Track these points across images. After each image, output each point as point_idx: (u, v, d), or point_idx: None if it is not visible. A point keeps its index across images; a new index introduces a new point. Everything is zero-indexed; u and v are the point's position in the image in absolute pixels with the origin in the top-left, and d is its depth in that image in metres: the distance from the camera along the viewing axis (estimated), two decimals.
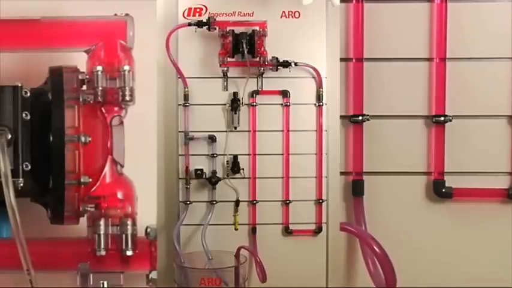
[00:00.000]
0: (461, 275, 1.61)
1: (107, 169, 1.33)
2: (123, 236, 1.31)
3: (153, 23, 1.38)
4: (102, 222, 1.30)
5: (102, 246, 1.30)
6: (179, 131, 1.39)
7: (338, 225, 1.43)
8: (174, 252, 1.36)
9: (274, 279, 1.33)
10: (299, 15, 1.38)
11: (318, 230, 1.41)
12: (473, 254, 1.63)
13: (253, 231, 1.40)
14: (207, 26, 1.34)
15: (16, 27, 1.35)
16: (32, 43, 1.35)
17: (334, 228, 1.42)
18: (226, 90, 1.39)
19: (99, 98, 1.29)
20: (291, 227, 1.40)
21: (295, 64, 1.37)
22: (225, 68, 1.37)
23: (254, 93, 1.39)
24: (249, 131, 1.39)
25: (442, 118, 1.59)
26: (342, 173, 1.56)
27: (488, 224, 1.63)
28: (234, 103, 1.37)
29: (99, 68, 1.30)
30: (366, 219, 1.61)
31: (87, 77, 1.30)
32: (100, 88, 1.30)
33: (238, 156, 1.39)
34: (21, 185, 1.23)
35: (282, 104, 1.40)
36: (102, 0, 1.42)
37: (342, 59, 1.47)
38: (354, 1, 1.59)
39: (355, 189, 1.62)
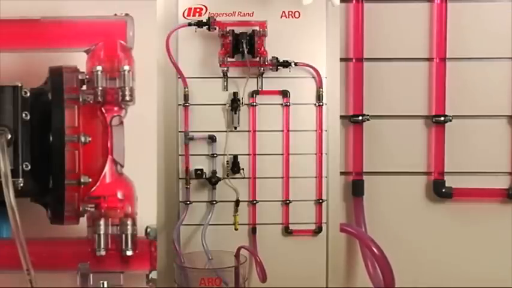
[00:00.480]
0: (461, 275, 1.61)
1: (107, 169, 1.33)
2: (123, 236, 1.31)
3: (153, 23, 1.38)
4: (102, 222, 1.30)
5: (102, 246, 1.30)
6: (179, 131, 1.39)
7: (338, 225, 1.43)
8: (174, 252, 1.36)
9: (274, 279, 1.33)
10: (299, 15, 1.38)
11: (318, 230, 1.41)
12: (473, 254, 1.63)
13: (253, 231, 1.40)
14: (207, 26, 1.34)
15: (16, 27, 1.34)
16: (32, 43, 1.35)
17: (334, 228, 1.42)
18: (226, 90, 1.39)
19: (99, 98, 1.29)
20: (291, 227, 1.40)
21: (295, 64, 1.37)
22: (225, 68, 1.37)
23: (254, 93, 1.39)
24: (249, 131, 1.39)
25: (442, 118, 1.59)
26: (342, 173, 1.56)
27: (488, 224, 1.63)
28: (234, 103, 1.37)
29: (99, 68, 1.30)
30: (365, 219, 1.61)
31: (87, 77, 1.30)
32: (100, 88, 1.29)
33: (238, 156, 1.39)
34: (21, 185, 1.23)
35: (282, 104, 1.40)
36: (102, 0, 1.42)
37: (342, 59, 1.48)
38: (354, 1, 1.59)
39: (355, 189, 1.62)
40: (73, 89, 1.28)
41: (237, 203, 1.40)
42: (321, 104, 1.40)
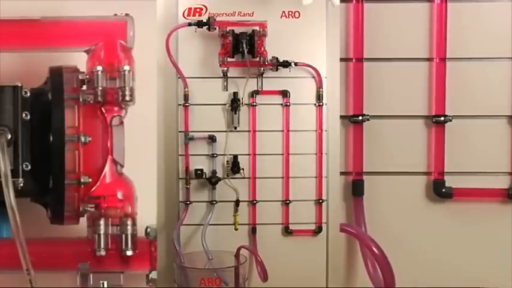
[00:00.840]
0: (461, 275, 1.61)
1: (107, 169, 1.33)
2: (123, 236, 1.31)
3: (153, 23, 1.38)
4: (102, 222, 1.30)
5: (102, 246, 1.30)
6: (179, 131, 1.39)
7: (338, 225, 1.43)
8: (174, 252, 1.36)
9: (274, 279, 1.33)
10: (299, 15, 1.38)
11: (318, 230, 1.41)
12: (473, 254, 1.63)
13: (253, 231, 1.40)
14: (207, 26, 1.34)
15: (16, 27, 1.35)
16: (32, 43, 1.35)
17: (334, 228, 1.42)
18: (226, 90, 1.39)
19: (99, 98, 1.30)
20: (291, 227, 1.40)
21: (295, 64, 1.37)
22: (225, 68, 1.37)
23: (254, 93, 1.39)
24: (249, 131, 1.39)
25: (442, 118, 1.59)
26: (342, 173, 1.56)
27: (488, 224, 1.63)
28: (234, 103, 1.37)
29: (99, 68, 1.30)
30: (365, 219, 1.61)
31: (87, 77, 1.30)
32: (100, 88, 1.30)
33: (238, 156, 1.39)
34: (21, 185, 1.23)
35: (282, 104, 1.40)
36: (102, 0, 1.42)
37: (342, 59, 1.47)
38: (354, 1, 1.59)
39: (355, 189, 1.62)
40: (73, 89, 1.29)
41: (237, 203, 1.40)
42: (321, 104, 1.40)
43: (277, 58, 1.36)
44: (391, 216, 1.63)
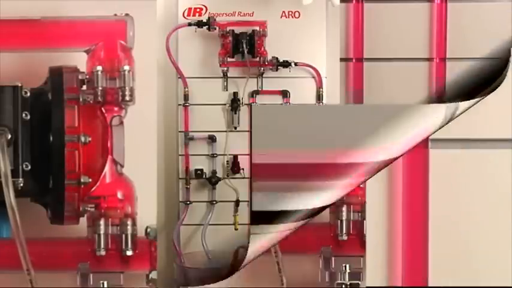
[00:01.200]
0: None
1: (107, 169, 1.33)
2: (123, 236, 1.31)
3: (153, 23, 1.38)
4: (102, 222, 1.30)
5: (102, 246, 1.30)
6: (179, 131, 1.39)
7: None
8: (174, 252, 1.35)
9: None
10: (299, 15, 1.38)
11: None
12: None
13: None
14: (207, 26, 1.34)
15: (16, 27, 1.35)
16: (32, 43, 1.35)
17: None
18: (226, 90, 1.39)
19: (99, 98, 1.29)
20: None
21: (295, 64, 1.37)
22: (225, 68, 1.37)
23: (254, 93, 1.39)
24: (249, 131, 1.39)
25: None
26: None
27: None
28: (234, 103, 1.37)
29: (99, 68, 1.30)
30: None
31: (87, 77, 1.30)
32: (100, 88, 1.29)
33: (238, 156, 1.39)
34: (21, 185, 1.23)
35: (282, 104, 1.40)
36: (102, 0, 1.42)
37: (342, 59, 1.47)
38: (354, 1, 1.59)
39: None
40: (73, 89, 1.28)
41: (237, 203, 1.40)
42: (321, 104, 1.40)
43: (277, 58, 1.36)
44: None
